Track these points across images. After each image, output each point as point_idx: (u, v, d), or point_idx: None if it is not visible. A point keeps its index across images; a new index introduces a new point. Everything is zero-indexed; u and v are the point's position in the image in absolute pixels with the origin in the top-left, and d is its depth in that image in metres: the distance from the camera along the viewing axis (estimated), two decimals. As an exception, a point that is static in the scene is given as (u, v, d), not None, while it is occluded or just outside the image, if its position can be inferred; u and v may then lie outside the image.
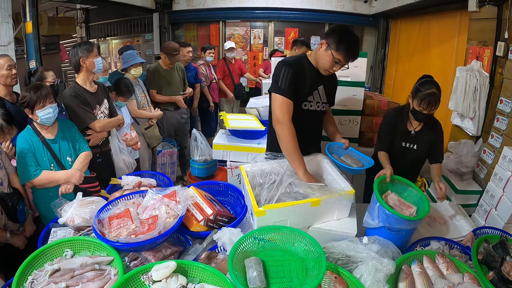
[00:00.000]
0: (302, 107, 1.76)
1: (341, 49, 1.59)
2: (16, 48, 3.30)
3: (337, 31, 1.62)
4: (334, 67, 1.66)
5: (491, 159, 2.56)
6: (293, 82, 1.66)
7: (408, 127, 1.96)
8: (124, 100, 2.77)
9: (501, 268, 1.21)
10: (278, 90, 1.67)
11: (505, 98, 2.46)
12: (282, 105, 1.65)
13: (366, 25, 5.71)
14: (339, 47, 1.59)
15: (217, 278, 1.10)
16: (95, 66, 2.17)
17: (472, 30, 2.98)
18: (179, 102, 3.50)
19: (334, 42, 1.60)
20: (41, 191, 1.92)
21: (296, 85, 1.68)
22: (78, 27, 6.94)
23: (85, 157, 2.03)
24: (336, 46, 1.60)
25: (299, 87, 1.70)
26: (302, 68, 1.72)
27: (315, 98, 1.79)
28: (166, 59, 3.43)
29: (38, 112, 1.81)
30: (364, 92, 2.75)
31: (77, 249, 1.29)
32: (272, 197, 1.42)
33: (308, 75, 1.73)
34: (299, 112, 1.73)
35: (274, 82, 1.71)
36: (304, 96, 1.75)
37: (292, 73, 1.66)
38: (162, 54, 3.46)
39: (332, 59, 1.62)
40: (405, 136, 1.97)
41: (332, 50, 1.60)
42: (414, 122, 1.94)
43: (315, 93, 1.78)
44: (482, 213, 2.34)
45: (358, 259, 1.20)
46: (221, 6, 5.60)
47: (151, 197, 1.42)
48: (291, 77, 1.66)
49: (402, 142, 1.98)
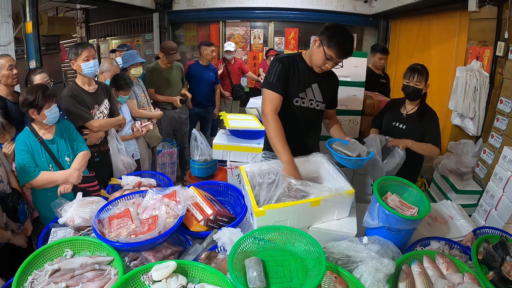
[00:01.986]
0: (293, 103, 1.78)
1: (333, 46, 1.61)
2: (16, 48, 3.30)
3: (330, 28, 1.64)
4: (326, 64, 1.67)
5: (491, 159, 2.56)
6: (280, 76, 1.69)
7: (401, 110, 2.19)
8: (125, 94, 2.74)
9: (501, 268, 1.21)
10: (266, 85, 1.72)
11: (505, 98, 2.47)
12: (266, 98, 1.70)
13: (366, 25, 5.70)
14: (330, 43, 1.61)
15: (217, 278, 1.10)
16: (81, 70, 2.17)
17: (472, 30, 2.98)
18: (174, 102, 3.50)
19: (326, 39, 1.62)
20: (41, 191, 1.92)
21: (285, 80, 1.71)
22: (78, 27, 6.94)
23: (83, 157, 2.03)
24: (328, 43, 1.61)
25: (289, 82, 1.73)
26: (293, 64, 1.75)
27: (307, 95, 1.79)
28: (164, 58, 3.46)
29: (46, 112, 1.82)
30: (364, 92, 2.74)
31: (77, 249, 1.29)
32: (271, 197, 1.42)
33: (301, 71, 1.75)
34: (291, 108, 1.77)
35: (265, 77, 1.76)
36: (295, 92, 1.76)
37: (281, 68, 1.70)
38: (160, 53, 3.50)
39: (324, 55, 1.63)
40: (397, 117, 2.20)
41: (324, 46, 1.62)
42: (408, 106, 2.17)
43: (308, 90, 1.79)
44: (482, 213, 2.34)
45: (358, 259, 1.20)
46: (221, 6, 5.59)
47: (151, 197, 1.42)
48: (279, 72, 1.70)
49: (393, 122, 2.20)
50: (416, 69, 2.04)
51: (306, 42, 5.75)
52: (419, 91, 2.05)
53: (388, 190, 1.59)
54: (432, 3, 3.75)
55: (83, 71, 2.17)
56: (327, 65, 1.67)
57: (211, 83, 4.04)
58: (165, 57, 3.45)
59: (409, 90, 2.07)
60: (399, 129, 2.16)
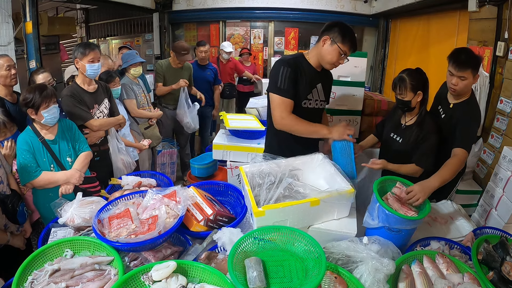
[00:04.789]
0: (302, 105, 1.78)
1: (347, 41, 1.68)
2: (16, 48, 3.30)
3: (336, 26, 1.70)
4: (340, 60, 1.72)
5: (491, 159, 2.56)
6: (290, 81, 1.68)
7: (401, 120, 1.97)
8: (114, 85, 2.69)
9: (501, 268, 1.21)
10: (277, 90, 1.69)
11: (505, 98, 2.47)
12: (281, 105, 1.70)
13: (366, 25, 5.70)
14: (344, 39, 1.67)
15: (217, 278, 1.10)
16: (85, 70, 2.17)
17: (472, 30, 2.98)
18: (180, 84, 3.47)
19: (339, 36, 1.67)
20: (42, 191, 1.91)
21: (295, 84, 1.70)
22: (78, 27, 6.94)
23: (85, 157, 2.02)
24: (341, 39, 1.67)
25: (298, 86, 1.72)
26: (300, 66, 1.75)
27: (314, 96, 1.81)
28: (175, 58, 3.47)
29: (43, 112, 1.81)
30: (364, 92, 2.75)
31: (77, 249, 1.29)
32: (271, 198, 1.42)
33: (307, 73, 1.76)
34: (299, 111, 1.75)
35: (273, 82, 1.72)
36: (304, 94, 1.77)
37: (291, 72, 1.69)
38: (172, 52, 3.52)
39: (339, 51, 1.68)
40: (396, 127, 1.98)
41: (338, 43, 1.67)
42: (407, 116, 1.93)
43: (314, 91, 1.80)
44: (482, 213, 2.34)
45: (358, 259, 1.20)
46: (221, 6, 5.59)
47: (151, 197, 1.42)
48: (290, 76, 1.68)
49: (391, 133, 2.00)
50: (399, 79, 1.80)
51: (306, 42, 5.75)
52: (406, 103, 1.81)
53: (388, 190, 1.59)
54: (432, 3, 3.76)
55: (86, 71, 2.17)
56: (341, 60, 1.73)
57: (209, 82, 4.04)
58: (176, 57, 3.47)
59: (398, 103, 1.88)
60: (395, 142, 1.95)
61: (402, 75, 1.81)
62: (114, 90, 2.68)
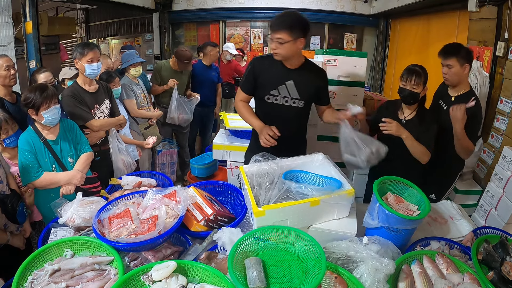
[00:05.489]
0: (265, 99, 1.90)
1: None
2: (16, 48, 3.30)
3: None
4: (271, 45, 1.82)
5: (491, 159, 2.56)
6: (248, 77, 1.92)
7: (399, 114, 1.98)
8: (114, 86, 2.69)
9: (501, 268, 1.21)
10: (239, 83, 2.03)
11: (505, 98, 2.47)
12: (238, 94, 1.99)
13: (366, 25, 5.71)
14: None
15: (217, 278, 1.10)
16: (84, 70, 2.17)
17: (472, 30, 2.99)
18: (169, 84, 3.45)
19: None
20: (43, 191, 1.91)
21: (253, 80, 1.90)
22: (78, 27, 6.94)
23: (87, 158, 2.02)
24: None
25: (258, 81, 1.89)
26: (265, 63, 1.89)
27: (281, 92, 1.88)
28: (176, 63, 3.46)
29: (44, 113, 1.80)
30: (364, 92, 2.75)
31: (77, 249, 1.29)
32: (270, 197, 1.42)
33: (274, 70, 1.87)
34: (264, 105, 1.92)
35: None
36: (266, 89, 1.89)
37: (249, 70, 1.92)
38: (174, 57, 3.51)
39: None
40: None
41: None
42: (406, 111, 1.96)
43: (281, 88, 1.88)
44: (482, 213, 2.34)
45: (358, 259, 1.20)
46: (221, 6, 5.59)
47: (151, 197, 1.42)
48: (248, 73, 1.92)
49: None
50: (414, 71, 1.85)
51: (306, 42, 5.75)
52: (416, 95, 1.86)
53: (388, 190, 1.59)
54: (432, 3, 3.76)
55: (85, 71, 2.17)
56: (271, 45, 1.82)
57: (213, 83, 4.04)
58: (178, 64, 3.47)
59: (405, 93, 1.88)
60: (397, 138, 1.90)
61: (416, 68, 1.86)
62: (114, 90, 2.68)
